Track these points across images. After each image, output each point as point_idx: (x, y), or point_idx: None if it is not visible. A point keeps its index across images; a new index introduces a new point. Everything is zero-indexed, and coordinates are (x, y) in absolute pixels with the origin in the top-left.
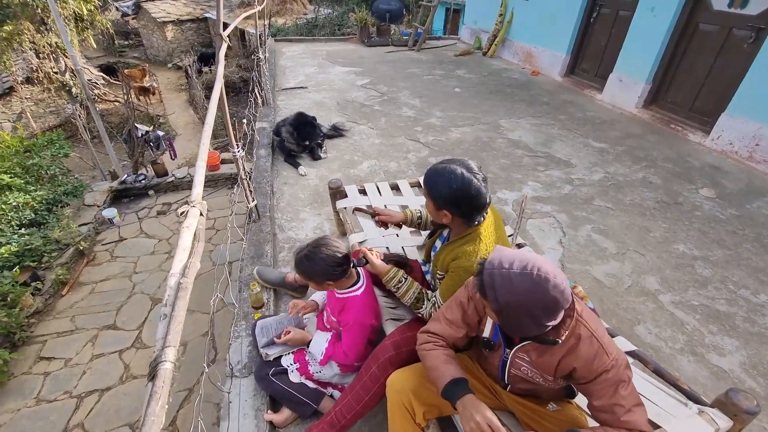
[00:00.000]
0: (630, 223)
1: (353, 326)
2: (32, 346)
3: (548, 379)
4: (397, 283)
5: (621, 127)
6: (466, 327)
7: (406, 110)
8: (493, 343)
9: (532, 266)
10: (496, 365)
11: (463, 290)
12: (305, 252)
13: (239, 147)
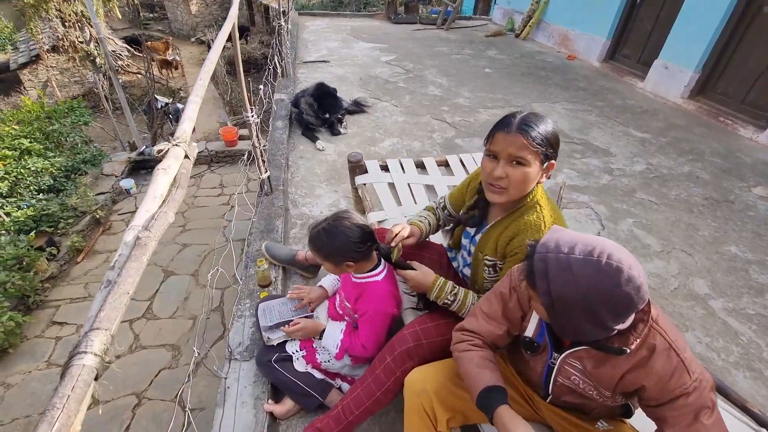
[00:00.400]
0: (676, 220)
1: (372, 316)
2: (45, 311)
3: (605, 394)
4: (448, 296)
5: (664, 118)
6: (508, 323)
7: (432, 89)
8: (537, 345)
9: (600, 252)
10: (539, 371)
11: (505, 279)
12: (323, 225)
13: (253, 112)
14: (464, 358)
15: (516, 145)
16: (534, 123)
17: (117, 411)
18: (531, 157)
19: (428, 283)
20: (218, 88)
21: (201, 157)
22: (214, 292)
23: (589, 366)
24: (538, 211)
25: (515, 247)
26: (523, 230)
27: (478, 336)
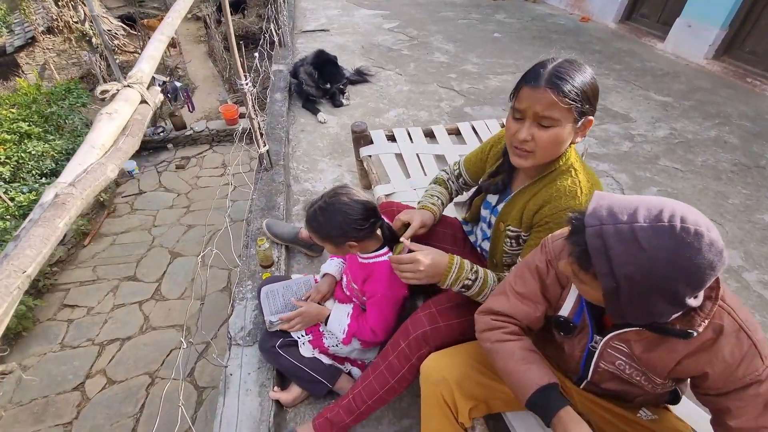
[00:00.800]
0: (703, 188)
1: (381, 299)
2: (56, 294)
3: (656, 381)
4: (468, 275)
5: (686, 80)
6: (546, 302)
7: (438, 55)
8: (573, 326)
9: (670, 215)
10: (577, 356)
11: (538, 251)
12: (319, 203)
13: (248, 80)
14: (502, 351)
15: (544, 102)
16: (568, 73)
17: (131, 390)
18: (562, 116)
19: (443, 265)
20: (216, 66)
21: (202, 137)
22: (220, 273)
23: (638, 350)
24: (573, 176)
25: (545, 216)
26: (555, 197)
27: (511, 320)
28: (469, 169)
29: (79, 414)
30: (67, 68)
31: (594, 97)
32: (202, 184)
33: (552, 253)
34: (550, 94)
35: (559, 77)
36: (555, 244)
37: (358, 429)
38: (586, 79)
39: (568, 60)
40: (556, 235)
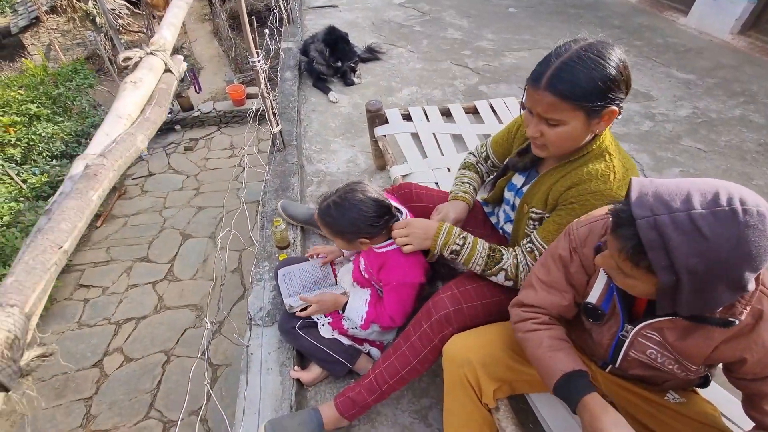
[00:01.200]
0: (727, 168)
1: (397, 287)
2: (71, 274)
3: (690, 368)
4: (456, 239)
5: (710, 56)
6: (573, 291)
7: (451, 32)
8: (602, 313)
9: (728, 197)
10: (606, 344)
11: (562, 239)
12: (334, 198)
13: (260, 57)
14: (531, 340)
15: (543, 104)
16: (573, 72)
17: (148, 367)
18: (566, 116)
19: (433, 229)
20: (222, 45)
21: (210, 119)
22: (231, 254)
23: (671, 338)
24: (607, 160)
25: (570, 197)
26: (586, 180)
27: (541, 311)
28: (496, 150)
29: (99, 389)
30: (72, 49)
31: (615, 89)
32: (211, 166)
33: (577, 240)
34: (550, 97)
35: (560, 79)
36: (580, 230)
37: (378, 407)
38: (599, 74)
39: (585, 50)
40: (581, 221)
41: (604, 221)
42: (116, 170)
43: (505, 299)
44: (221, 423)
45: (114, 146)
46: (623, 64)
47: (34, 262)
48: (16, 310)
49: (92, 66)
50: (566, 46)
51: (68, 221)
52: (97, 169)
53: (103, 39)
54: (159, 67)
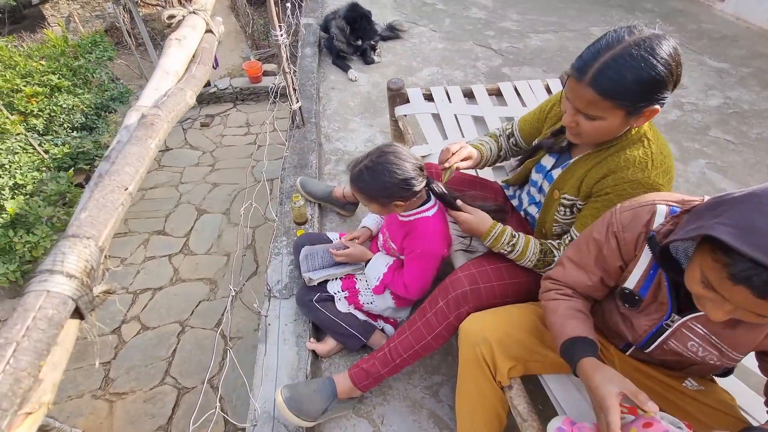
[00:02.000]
0: (756, 162)
1: (420, 255)
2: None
3: (735, 357)
4: (505, 246)
5: (747, 45)
6: (601, 272)
7: (475, 11)
8: (638, 299)
9: None
10: (644, 330)
11: (601, 223)
12: (366, 162)
13: (282, 31)
14: (549, 307)
15: (584, 99)
16: (621, 70)
17: (164, 336)
18: (606, 113)
19: (483, 229)
20: (239, 20)
21: (226, 95)
22: (246, 230)
23: (719, 327)
24: (645, 146)
25: (607, 186)
26: (623, 167)
27: (565, 285)
28: (523, 129)
29: (117, 355)
30: (91, 21)
31: (662, 89)
32: (227, 143)
33: (618, 224)
34: (592, 93)
35: (606, 77)
36: (623, 215)
37: (390, 382)
38: (647, 75)
39: (637, 45)
40: (625, 206)
41: (650, 208)
42: (170, 122)
43: (523, 282)
44: (232, 392)
45: (166, 99)
46: (676, 61)
47: (104, 200)
48: (92, 242)
49: (111, 39)
50: (618, 36)
51: (131, 165)
52: (153, 119)
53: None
54: (201, 27)
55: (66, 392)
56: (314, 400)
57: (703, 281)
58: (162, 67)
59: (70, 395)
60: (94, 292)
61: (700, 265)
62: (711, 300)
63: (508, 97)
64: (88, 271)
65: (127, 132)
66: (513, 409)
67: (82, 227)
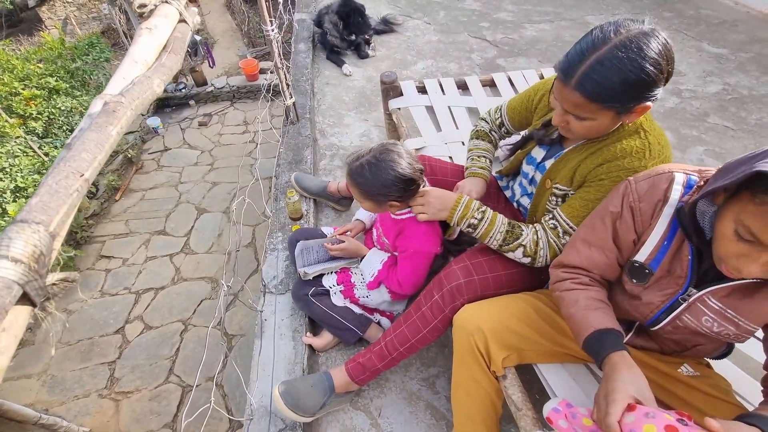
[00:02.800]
0: (756, 147)
1: (415, 255)
2: (93, 245)
3: (750, 329)
4: (477, 212)
5: (746, 30)
6: (617, 250)
7: (469, 2)
8: (648, 272)
9: None
10: (655, 305)
11: (614, 195)
12: (368, 158)
13: (273, 26)
14: (566, 299)
15: (570, 102)
16: (606, 74)
17: (167, 335)
18: (594, 114)
19: (452, 201)
20: (235, 18)
21: (223, 93)
22: (244, 229)
23: (737, 298)
24: (642, 137)
25: (601, 173)
26: (619, 156)
27: (582, 271)
28: (512, 117)
29: (121, 354)
30: (87, 23)
31: (652, 87)
32: (225, 142)
33: (635, 194)
34: (579, 97)
35: (591, 81)
36: (640, 184)
37: (387, 375)
38: (635, 76)
39: (623, 47)
40: (639, 177)
41: (668, 176)
42: (133, 109)
43: (516, 273)
44: (235, 388)
45: (131, 87)
46: (666, 58)
47: (57, 186)
48: (41, 227)
49: (108, 40)
50: (604, 36)
51: (89, 152)
52: (115, 106)
53: (117, 12)
54: (174, 16)
55: (72, 392)
56: (311, 395)
57: (737, 234)
58: (131, 56)
59: (76, 395)
60: (50, 280)
61: (737, 216)
62: (746, 255)
63: (502, 88)
64: (36, 257)
65: (90, 119)
66: (507, 398)
67: (31, 212)
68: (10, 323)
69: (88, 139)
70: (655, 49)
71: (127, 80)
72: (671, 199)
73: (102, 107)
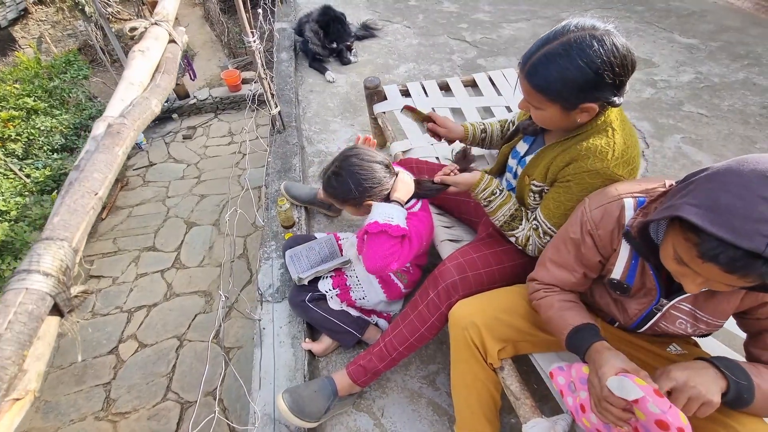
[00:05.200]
0: (729, 133)
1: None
2: (81, 266)
3: (717, 324)
4: (490, 195)
5: (714, 19)
6: (583, 268)
7: (447, 4)
8: (628, 287)
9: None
10: (634, 314)
11: (574, 221)
12: (332, 169)
13: (255, 37)
14: (542, 305)
15: (524, 89)
16: (548, 68)
17: (162, 352)
18: (542, 104)
19: (475, 179)
20: (214, 30)
21: (206, 105)
22: (236, 240)
23: (701, 301)
24: (609, 136)
25: (568, 174)
26: (583, 156)
27: (554, 286)
28: (520, 118)
29: (116, 375)
30: (63, 40)
31: (593, 89)
32: (211, 154)
33: (590, 223)
34: (527, 85)
35: (536, 72)
36: (593, 213)
37: (388, 374)
38: (573, 75)
39: (568, 46)
40: (593, 204)
41: (618, 203)
42: (136, 130)
43: (508, 267)
44: (236, 401)
45: (131, 108)
46: (612, 62)
47: (75, 205)
48: (65, 243)
49: (85, 57)
50: (558, 32)
51: (100, 172)
52: (119, 128)
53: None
54: (164, 37)
55: (68, 416)
56: (316, 400)
57: (676, 258)
58: (127, 79)
59: (72, 419)
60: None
61: (672, 243)
62: (685, 275)
63: (483, 88)
64: (63, 270)
65: (95, 141)
66: (506, 389)
67: (55, 230)
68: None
69: (98, 160)
70: (597, 53)
71: (126, 102)
72: (626, 226)
73: (106, 129)
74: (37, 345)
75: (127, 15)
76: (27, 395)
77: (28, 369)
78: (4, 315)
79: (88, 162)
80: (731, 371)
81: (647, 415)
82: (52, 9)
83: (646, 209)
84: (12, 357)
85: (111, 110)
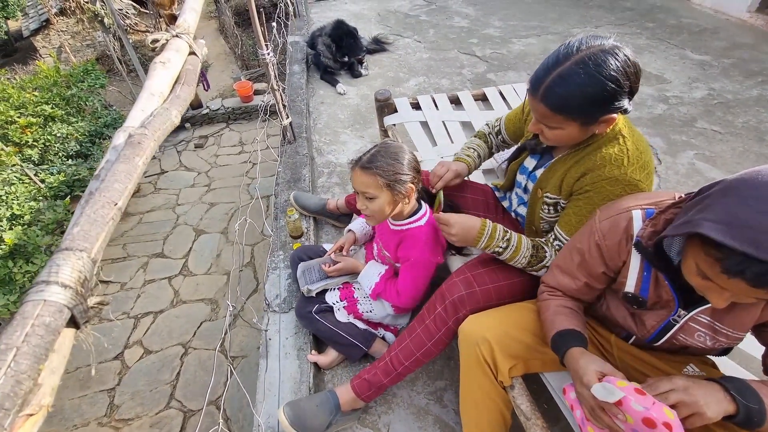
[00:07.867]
0: (744, 150)
1: (416, 265)
2: (97, 275)
3: (737, 336)
4: (502, 241)
5: (726, 36)
6: (585, 277)
7: (458, 20)
8: (643, 300)
9: None
10: (651, 326)
11: (585, 232)
12: (373, 150)
13: (269, 50)
14: (542, 306)
15: (539, 112)
16: (566, 87)
17: (167, 359)
18: (561, 124)
19: (475, 230)
20: (228, 42)
21: (218, 115)
22: (244, 248)
23: (722, 313)
24: (621, 143)
25: (586, 185)
26: (599, 165)
27: (558, 290)
28: (508, 127)
29: (121, 381)
30: (82, 50)
31: (612, 100)
32: (221, 163)
33: (599, 233)
34: (544, 108)
35: (553, 93)
36: (602, 224)
37: (394, 390)
38: (593, 90)
39: (582, 63)
40: (603, 215)
41: (626, 215)
42: (156, 140)
43: (517, 282)
44: (238, 411)
45: (152, 119)
46: (627, 72)
47: (95, 215)
48: (84, 254)
49: (102, 67)
50: (567, 52)
51: (120, 182)
52: (140, 138)
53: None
54: (184, 49)
55: (71, 421)
56: (318, 415)
57: (699, 273)
58: (148, 89)
59: (75, 424)
60: (89, 303)
61: (694, 259)
62: (710, 289)
63: (494, 102)
64: (81, 281)
65: (116, 151)
66: (516, 408)
67: (75, 241)
68: (59, 345)
69: (118, 171)
70: (613, 65)
71: (146, 112)
72: (636, 236)
73: (126, 140)
74: (52, 358)
75: (144, 27)
76: (41, 410)
77: (43, 383)
78: (22, 327)
79: (109, 172)
80: (742, 394)
81: (633, 415)
82: (73, 20)
83: (655, 219)
84: (28, 371)
85: (131, 120)
